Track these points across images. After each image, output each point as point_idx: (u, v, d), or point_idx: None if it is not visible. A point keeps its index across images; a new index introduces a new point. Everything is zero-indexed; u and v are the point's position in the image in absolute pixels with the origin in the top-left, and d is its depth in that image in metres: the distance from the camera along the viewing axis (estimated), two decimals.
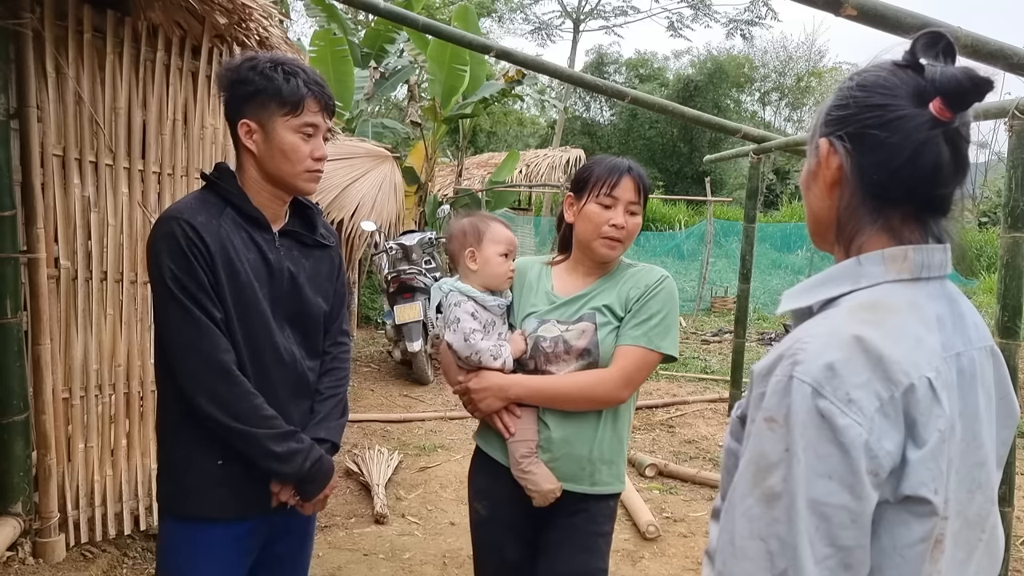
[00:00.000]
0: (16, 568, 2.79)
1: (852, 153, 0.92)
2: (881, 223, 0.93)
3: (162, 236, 1.56)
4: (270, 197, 1.68)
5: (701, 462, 4.80)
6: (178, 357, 1.57)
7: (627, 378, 1.77)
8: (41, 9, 2.69)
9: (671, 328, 1.82)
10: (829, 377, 0.81)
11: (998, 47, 2.15)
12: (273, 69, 1.59)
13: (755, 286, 9.56)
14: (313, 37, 9.31)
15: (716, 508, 1.03)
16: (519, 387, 1.81)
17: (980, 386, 0.91)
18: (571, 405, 1.80)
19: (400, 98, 15.89)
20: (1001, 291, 2.51)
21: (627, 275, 1.88)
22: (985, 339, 0.95)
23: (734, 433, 0.99)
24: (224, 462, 1.63)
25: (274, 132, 1.60)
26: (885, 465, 0.81)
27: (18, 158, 2.74)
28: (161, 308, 1.58)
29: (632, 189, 1.81)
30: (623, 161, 1.85)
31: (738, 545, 0.85)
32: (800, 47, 29.57)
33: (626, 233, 1.81)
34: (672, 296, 1.85)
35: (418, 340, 6.29)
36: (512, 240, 1.92)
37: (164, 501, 1.71)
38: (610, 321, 1.81)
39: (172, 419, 1.66)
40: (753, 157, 5.56)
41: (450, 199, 10.91)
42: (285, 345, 1.67)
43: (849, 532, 0.80)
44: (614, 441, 1.84)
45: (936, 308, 0.91)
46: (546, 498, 1.80)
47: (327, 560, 3.28)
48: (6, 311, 2.72)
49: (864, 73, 0.93)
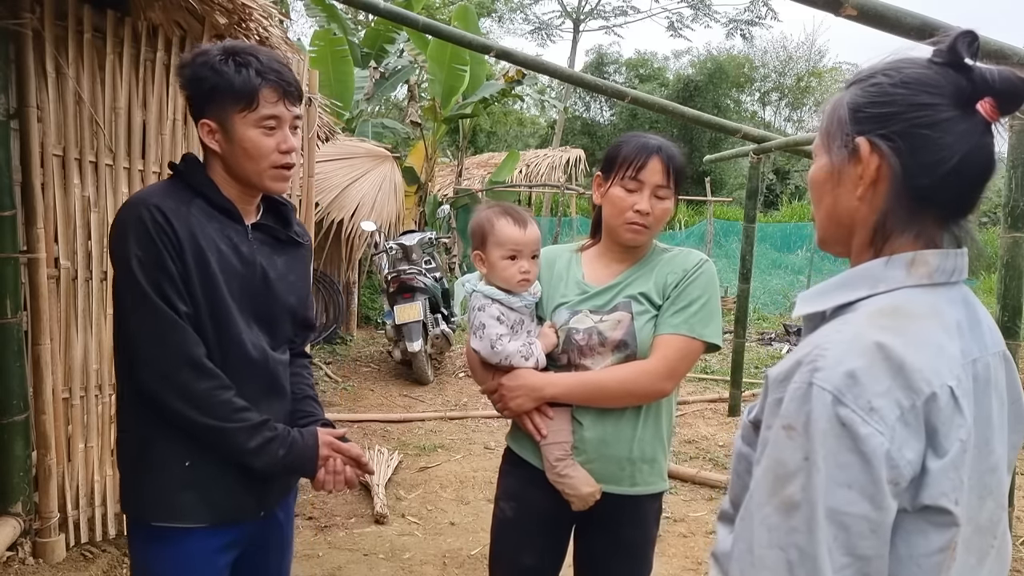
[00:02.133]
0: (16, 568, 2.79)
1: (899, 153, 0.87)
2: (917, 227, 0.90)
3: (128, 221, 1.44)
4: (239, 194, 1.58)
5: (701, 462, 4.79)
6: (142, 350, 1.44)
7: (670, 369, 1.66)
8: (41, 9, 2.68)
9: (714, 315, 1.70)
10: (850, 385, 0.79)
11: (998, 47, 2.15)
12: (224, 62, 1.46)
13: (755, 286, 9.55)
14: (313, 37, 9.32)
15: (724, 510, 1.02)
16: (554, 386, 1.70)
17: (994, 391, 0.90)
18: (611, 402, 1.69)
19: (400, 98, 15.89)
20: (1001, 291, 2.51)
21: (663, 260, 1.76)
22: (999, 344, 0.94)
23: (746, 437, 0.97)
24: (191, 464, 1.50)
25: (233, 130, 1.49)
26: (906, 475, 0.80)
27: (18, 158, 2.74)
28: (124, 297, 1.47)
29: (660, 172, 1.67)
30: (653, 140, 1.71)
31: (757, 554, 0.83)
32: (800, 47, 29.60)
33: (653, 219, 1.69)
34: (712, 280, 1.73)
35: (418, 340, 6.29)
36: (518, 240, 1.74)
37: (129, 508, 1.57)
38: (647, 310, 1.70)
39: (132, 417, 1.53)
40: (753, 157, 5.56)
41: (450, 199, 10.92)
42: (254, 341, 1.56)
43: (868, 542, 0.79)
44: (656, 438, 1.73)
45: (955, 314, 0.89)
46: (585, 502, 1.70)
47: (327, 560, 3.28)
48: (6, 311, 2.72)
49: (901, 70, 0.89)
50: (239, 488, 1.55)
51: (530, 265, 1.76)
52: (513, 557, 1.86)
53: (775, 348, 8.84)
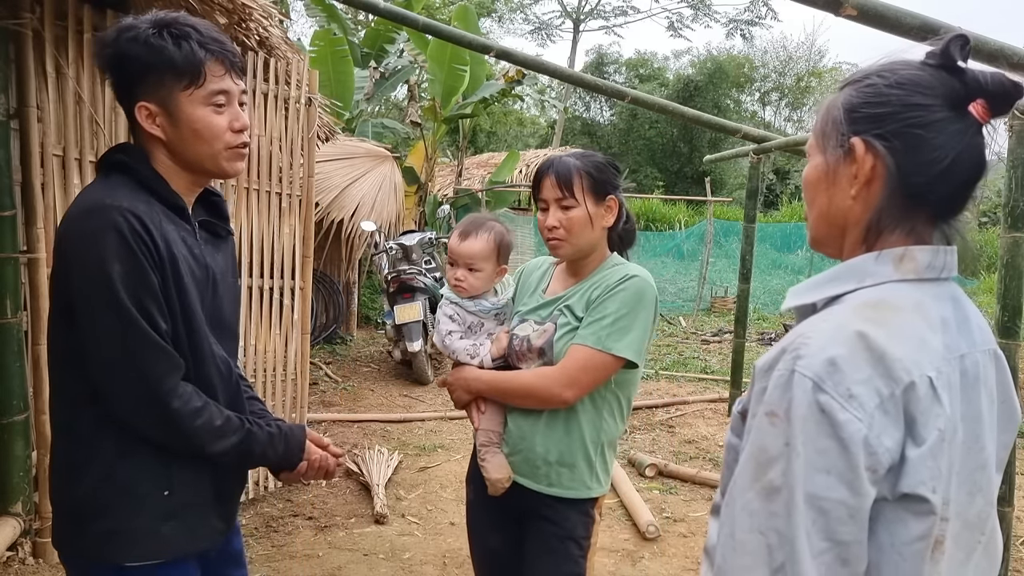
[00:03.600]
0: (16, 568, 2.79)
1: (894, 153, 0.89)
2: (909, 225, 0.92)
3: (101, 229, 1.26)
4: (188, 185, 1.43)
5: (701, 462, 4.79)
6: (120, 376, 1.29)
7: (568, 377, 1.71)
8: (41, 9, 2.69)
9: (629, 330, 1.71)
10: (831, 372, 0.81)
11: (998, 47, 2.15)
12: (158, 36, 1.30)
13: (755, 286, 9.55)
14: (313, 37, 9.32)
15: (716, 504, 1.03)
16: (478, 381, 1.85)
17: (983, 389, 0.91)
18: (517, 401, 1.82)
19: (400, 98, 15.90)
20: (1001, 291, 2.51)
21: (599, 275, 1.82)
22: (989, 342, 0.95)
23: (735, 429, 0.99)
24: (171, 492, 1.38)
25: (179, 111, 1.34)
26: (884, 462, 0.81)
27: (18, 158, 2.74)
28: (99, 317, 1.28)
29: (553, 187, 1.77)
30: (548, 161, 1.81)
31: (738, 539, 0.85)
32: (800, 47, 29.62)
33: (563, 231, 1.77)
34: (637, 297, 1.74)
35: (418, 340, 6.29)
36: (453, 249, 1.90)
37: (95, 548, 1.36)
38: (569, 322, 1.78)
39: (93, 449, 1.35)
40: (753, 157, 5.56)
41: (450, 199, 10.92)
42: (220, 353, 1.45)
43: (846, 527, 0.81)
44: (572, 444, 1.78)
45: (940, 310, 0.91)
46: (495, 487, 1.83)
47: (327, 560, 3.28)
48: (6, 311, 2.72)
49: (896, 71, 0.91)
50: (211, 511, 1.48)
51: (464, 275, 1.90)
52: (479, 538, 2.02)
53: None
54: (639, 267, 1.84)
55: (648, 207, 19.22)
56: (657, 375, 7.30)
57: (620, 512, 3.90)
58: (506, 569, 1.95)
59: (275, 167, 3.69)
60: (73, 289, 1.30)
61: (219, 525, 1.51)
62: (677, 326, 10.63)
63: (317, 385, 6.23)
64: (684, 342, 9.41)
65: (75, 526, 1.38)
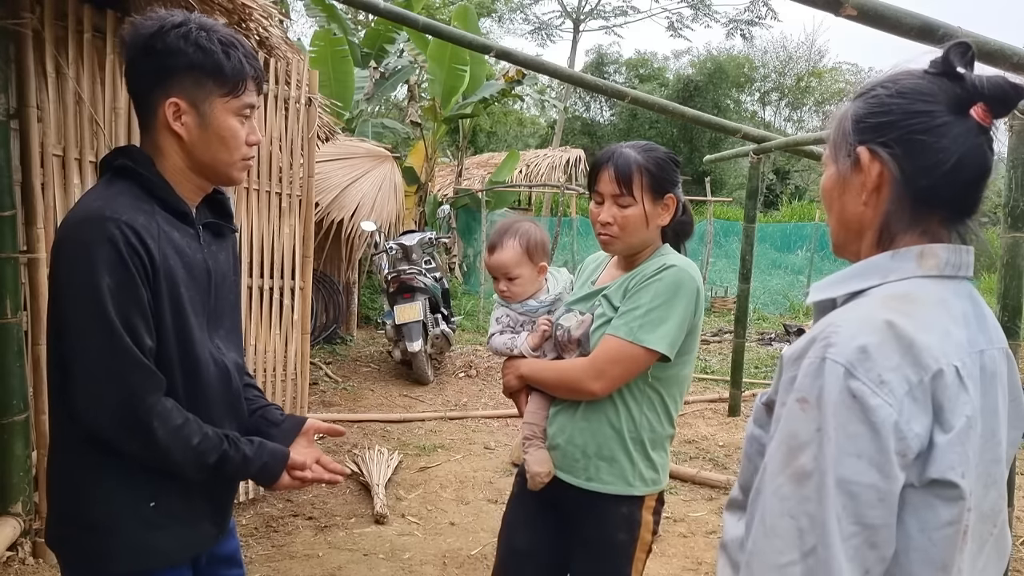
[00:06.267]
0: (16, 568, 2.79)
1: (898, 159, 0.93)
2: (922, 226, 0.95)
3: (94, 241, 1.26)
4: (193, 188, 1.44)
5: (701, 462, 4.79)
6: (92, 388, 1.28)
7: (597, 369, 1.68)
8: (41, 9, 2.69)
9: (662, 322, 1.65)
10: (862, 359, 0.84)
11: (998, 47, 2.15)
12: (209, 40, 1.34)
13: (755, 286, 9.55)
14: (313, 37, 9.32)
15: (733, 498, 1.05)
16: (526, 366, 1.86)
17: (999, 385, 0.94)
18: (552, 390, 1.81)
19: (400, 98, 15.89)
20: (1001, 291, 2.51)
21: (643, 266, 1.76)
22: (1003, 341, 0.99)
23: (758, 420, 1.01)
24: (157, 502, 1.38)
25: (212, 115, 1.37)
26: (913, 447, 0.83)
27: (18, 158, 2.74)
28: (83, 328, 1.27)
29: (610, 182, 1.71)
30: (608, 151, 1.76)
31: (768, 524, 0.87)
32: (800, 47, 29.62)
33: (617, 228, 1.72)
34: (673, 287, 1.68)
35: (418, 340, 6.29)
36: (489, 266, 1.94)
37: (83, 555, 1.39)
38: (605, 312, 1.74)
39: (83, 459, 1.36)
40: (753, 157, 5.56)
41: (450, 199, 10.92)
42: (218, 358, 1.45)
43: (876, 511, 0.83)
44: (610, 438, 1.74)
45: (962, 306, 0.94)
46: (534, 481, 1.79)
47: (327, 560, 3.28)
48: (6, 311, 2.72)
49: (898, 81, 0.95)
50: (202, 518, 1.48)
51: (507, 284, 1.92)
52: (510, 536, 1.95)
53: (775, 348, 8.84)
54: (681, 256, 1.79)
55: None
56: None
57: None
58: (533, 567, 1.90)
59: (275, 167, 3.69)
60: (62, 297, 1.31)
61: (211, 530, 1.51)
62: None
63: (317, 385, 6.23)
64: None
65: (65, 531, 1.40)
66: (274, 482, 1.50)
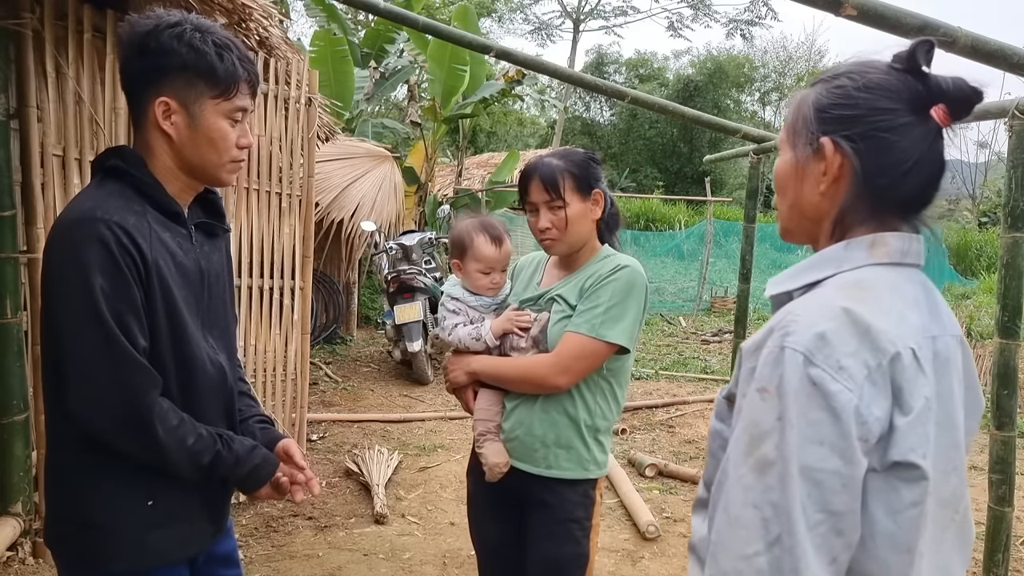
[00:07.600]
0: (16, 568, 2.79)
1: (860, 154, 0.93)
2: (877, 219, 0.96)
3: (86, 241, 1.25)
4: (182, 188, 1.44)
5: (701, 462, 4.79)
6: (87, 390, 1.27)
7: (562, 364, 1.78)
8: (41, 9, 2.69)
9: (621, 318, 1.78)
10: (820, 346, 0.84)
11: (998, 47, 2.14)
12: (203, 41, 1.34)
13: (755, 286, 9.50)
14: (313, 37, 9.32)
15: (700, 498, 1.06)
16: (477, 362, 1.91)
17: (953, 371, 0.95)
18: (512, 386, 1.88)
19: (400, 98, 15.89)
20: (1001, 291, 2.50)
21: (592, 266, 1.88)
22: (956, 328, 0.99)
23: (720, 415, 1.02)
24: (155, 501, 1.38)
25: (202, 116, 1.36)
26: (874, 431, 0.84)
27: (18, 158, 2.74)
28: (76, 330, 1.27)
29: (540, 190, 1.82)
30: (532, 164, 1.86)
31: (733, 514, 0.86)
32: (800, 47, 29.69)
33: (556, 231, 1.83)
34: (628, 286, 1.80)
35: (418, 340, 6.29)
36: (493, 258, 1.95)
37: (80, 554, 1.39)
38: (563, 311, 1.84)
39: (79, 460, 1.37)
40: (753, 157, 5.55)
41: (450, 199, 10.92)
42: (213, 358, 1.45)
43: (840, 497, 0.83)
44: (568, 427, 1.84)
45: (914, 291, 0.95)
46: (492, 472, 1.86)
47: (327, 560, 3.28)
48: (6, 311, 2.72)
49: (864, 75, 0.94)
50: (199, 517, 1.48)
51: (500, 277, 1.98)
52: (480, 529, 2.06)
53: None
54: (630, 258, 1.90)
55: (648, 207, 19.21)
56: (657, 375, 7.30)
57: (620, 512, 3.90)
58: (508, 559, 1.98)
59: (275, 167, 3.69)
60: (54, 298, 1.30)
61: (209, 528, 1.51)
62: (677, 326, 10.64)
63: (317, 385, 6.23)
64: (684, 342, 9.42)
65: (63, 530, 1.40)
66: (260, 487, 1.50)
